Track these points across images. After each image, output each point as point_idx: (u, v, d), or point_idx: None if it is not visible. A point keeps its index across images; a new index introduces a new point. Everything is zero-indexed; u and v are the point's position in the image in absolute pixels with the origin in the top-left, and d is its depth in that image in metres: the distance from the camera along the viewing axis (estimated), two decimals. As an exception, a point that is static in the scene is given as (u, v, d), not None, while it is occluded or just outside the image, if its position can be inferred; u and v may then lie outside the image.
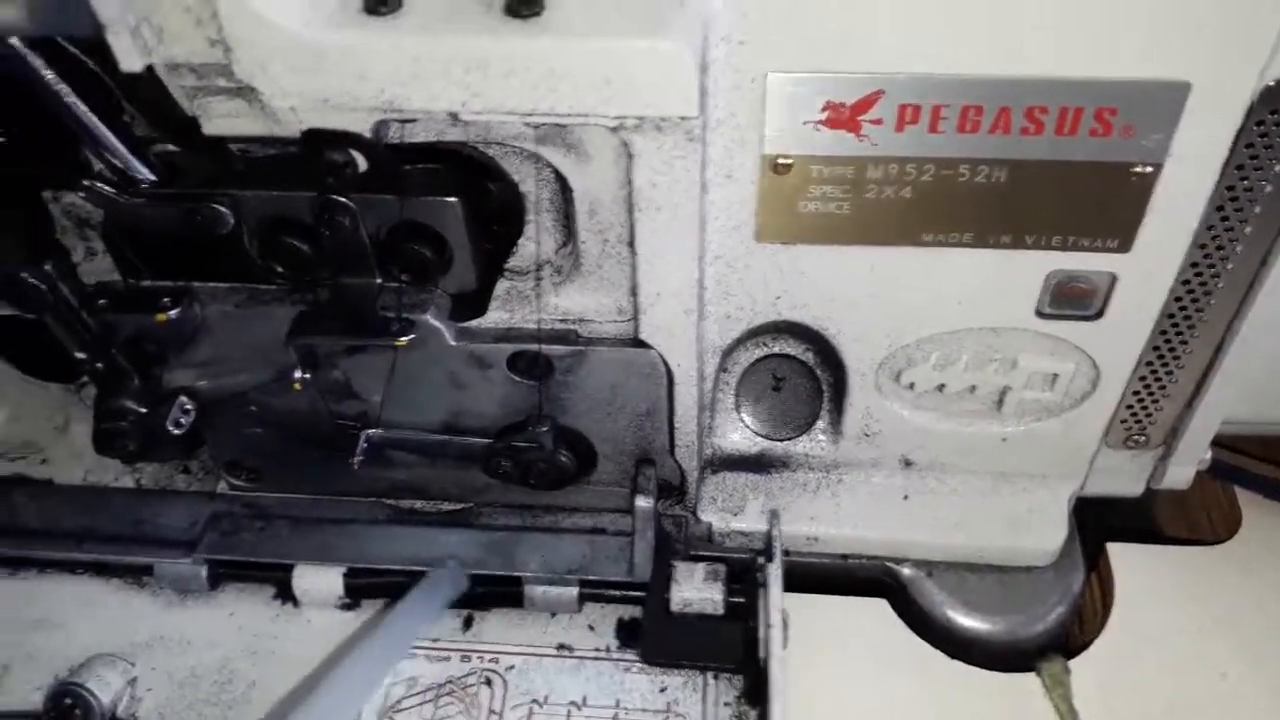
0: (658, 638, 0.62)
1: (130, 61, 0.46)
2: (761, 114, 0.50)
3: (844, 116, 0.50)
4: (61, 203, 0.62)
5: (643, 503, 0.60)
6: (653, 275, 0.55)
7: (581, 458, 0.66)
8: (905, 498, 0.70)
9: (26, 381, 0.76)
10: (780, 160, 0.52)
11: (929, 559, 0.70)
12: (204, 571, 0.67)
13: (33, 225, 0.62)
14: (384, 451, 0.67)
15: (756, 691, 0.60)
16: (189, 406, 0.65)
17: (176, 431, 0.64)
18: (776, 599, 0.58)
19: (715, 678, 0.63)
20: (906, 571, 0.70)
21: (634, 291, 0.58)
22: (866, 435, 0.67)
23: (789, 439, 0.70)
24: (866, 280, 0.58)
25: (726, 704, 0.62)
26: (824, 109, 0.50)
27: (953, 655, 0.67)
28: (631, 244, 0.55)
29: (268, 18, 0.44)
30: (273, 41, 0.45)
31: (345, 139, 0.50)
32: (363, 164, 0.51)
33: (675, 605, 0.63)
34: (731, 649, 0.61)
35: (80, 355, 0.66)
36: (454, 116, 0.48)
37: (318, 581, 0.66)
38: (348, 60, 0.46)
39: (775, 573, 0.59)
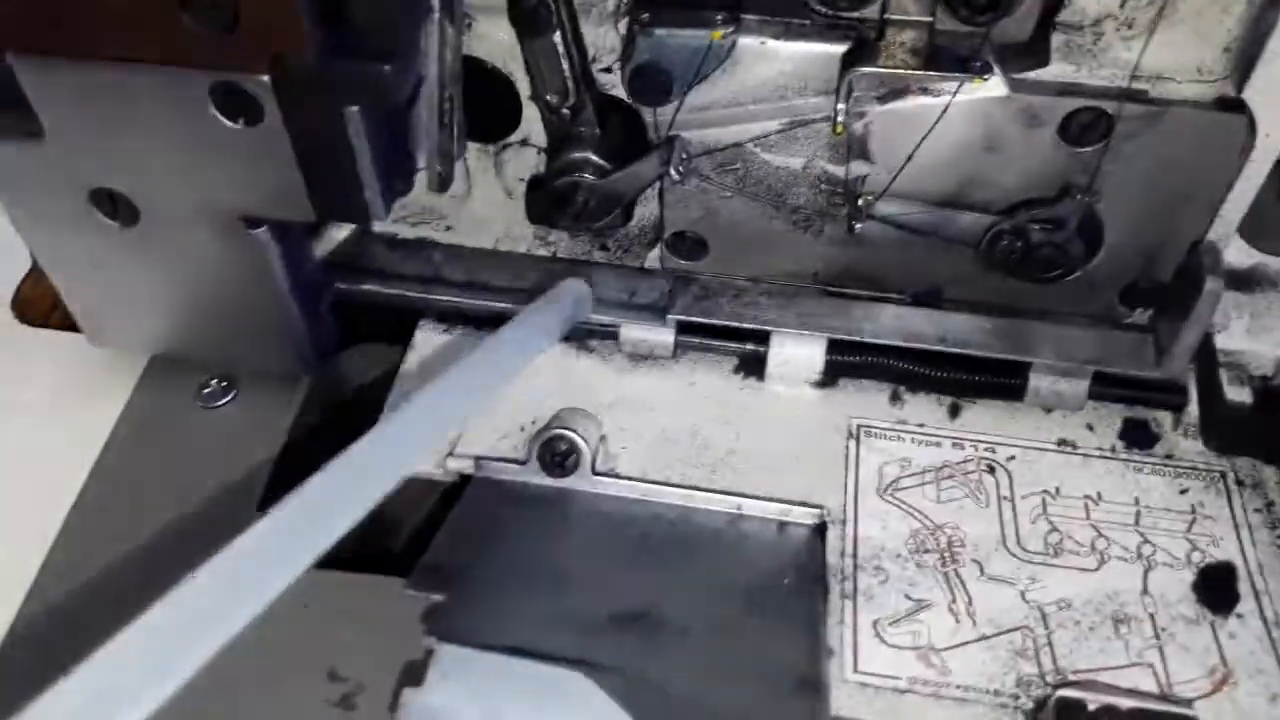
0: (1221, 426, 0.57)
1: None
2: None
3: None
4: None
5: (1212, 285, 0.55)
6: (1303, 15, 0.49)
7: (1087, 248, 0.61)
8: None
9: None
10: None
11: None
12: (672, 336, 0.63)
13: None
14: (864, 225, 0.62)
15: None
16: (686, 154, 0.61)
17: (677, 177, 0.60)
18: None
19: (1240, 484, 0.58)
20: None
21: (1246, 43, 0.52)
22: (1392, 253, 0.62)
23: (1291, 254, 0.65)
24: None
25: (1257, 510, 0.57)
26: None
27: None
28: (1284, -25, 0.49)
29: None
30: None
31: None
32: None
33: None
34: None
35: (550, 98, 0.62)
36: None
37: (797, 352, 0.62)
38: None
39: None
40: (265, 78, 0.48)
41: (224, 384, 0.67)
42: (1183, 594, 0.54)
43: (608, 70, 0.62)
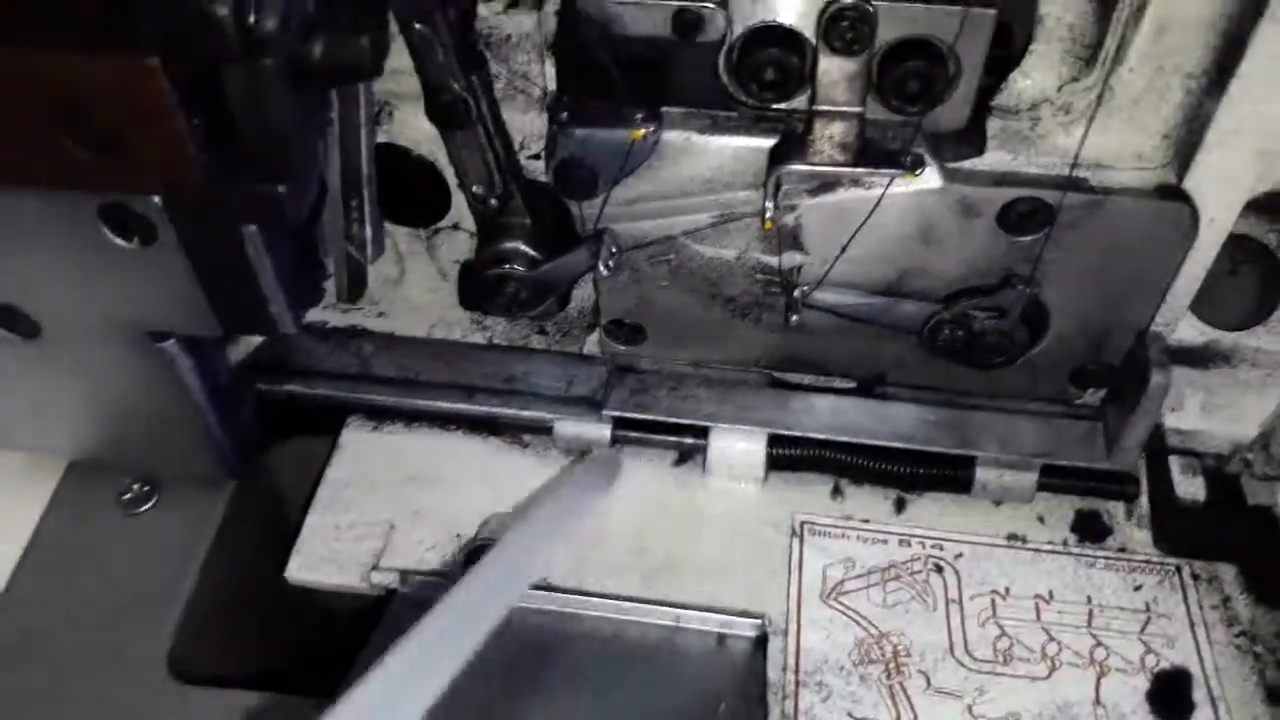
0: (1171, 527, 0.55)
1: None
2: None
3: None
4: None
5: (1159, 378, 0.53)
6: (1240, 107, 0.47)
7: (1032, 334, 0.59)
8: (1366, 402, 0.62)
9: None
10: None
11: (1384, 471, 0.63)
12: (608, 432, 0.61)
13: (465, 30, 0.55)
14: (802, 315, 0.60)
15: (1271, 590, 0.53)
16: (615, 248, 0.58)
17: (605, 273, 0.58)
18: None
19: (1195, 579, 0.56)
20: (1359, 484, 0.63)
21: (1185, 131, 0.51)
22: (1345, 327, 0.60)
23: (1243, 329, 0.63)
24: None
25: (1214, 606, 0.55)
26: None
27: None
28: (1220, 69, 0.47)
29: None
30: None
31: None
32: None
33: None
34: (1258, 544, 0.54)
35: (476, 189, 0.59)
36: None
37: (737, 447, 0.60)
38: None
39: (1317, 461, 0.53)
40: (156, 199, 0.46)
41: (146, 488, 0.64)
42: (1136, 704, 0.52)
43: (536, 157, 0.59)
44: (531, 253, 0.60)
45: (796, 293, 0.59)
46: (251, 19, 0.39)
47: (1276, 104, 0.47)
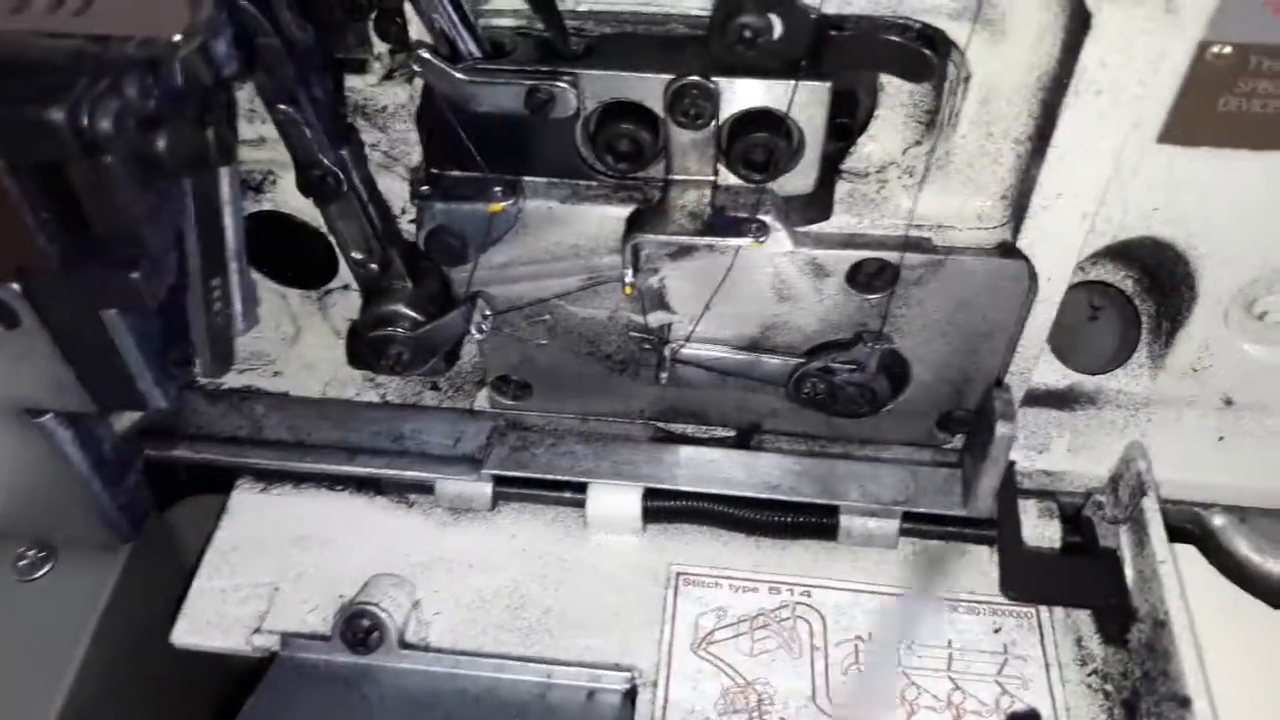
0: (1017, 573, 0.57)
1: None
2: (1217, -9, 0.45)
3: (1314, -4, 0.45)
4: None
5: (1004, 429, 0.55)
6: (1060, 173, 0.50)
7: (894, 383, 0.61)
8: (1220, 439, 0.65)
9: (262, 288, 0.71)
10: (1216, 48, 0.47)
11: (1241, 504, 0.65)
12: (489, 489, 0.63)
13: (335, 105, 0.57)
14: (675, 370, 0.62)
15: (1117, 631, 0.55)
16: (488, 311, 0.60)
17: (479, 336, 0.59)
18: (1159, 533, 0.53)
19: (1052, 619, 0.58)
20: (1217, 520, 0.65)
21: (1017, 193, 0.53)
22: (1194, 370, 0.63)
23: (1104, 373, 0.65)
24: (1265, 192, 0.53)
25: (1068, 647, 0.57)
26: (1292, -14, 0.45)
27: (1272, 604, 0.63)
28: (1040, 136, 0.50)
29: None
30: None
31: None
32: (778, 29, 0.46)
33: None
34: (1099, 588, 0.56)
35: (356, 256, 0.61)
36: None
37: (614, 500, 0.62)
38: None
39: (1153, 507, 0.55)
40: (15, 285, 0.47)
41: (42, 554, 0.65)
42: (987, 746, 0.53)
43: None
44: (413, 315, 0.61)
45: (667, 350, 0.61)
46: (85, 121, 0.41)
47: (1091, 169, 0.50)
